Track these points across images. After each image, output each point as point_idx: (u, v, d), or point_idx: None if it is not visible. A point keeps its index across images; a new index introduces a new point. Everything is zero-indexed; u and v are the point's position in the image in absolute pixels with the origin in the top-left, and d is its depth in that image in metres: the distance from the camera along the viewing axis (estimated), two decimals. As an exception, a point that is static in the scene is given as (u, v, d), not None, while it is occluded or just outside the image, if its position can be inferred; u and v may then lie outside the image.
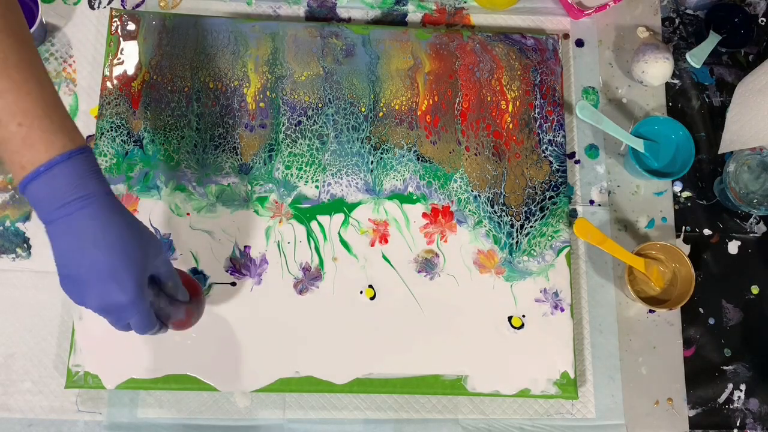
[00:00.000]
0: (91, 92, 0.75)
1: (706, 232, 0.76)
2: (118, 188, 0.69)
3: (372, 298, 0.69)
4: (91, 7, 0.78)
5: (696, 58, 0.78)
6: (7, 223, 0.71)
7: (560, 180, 0.74)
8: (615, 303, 0.73)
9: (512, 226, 0.72)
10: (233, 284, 0.68)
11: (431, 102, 0.75)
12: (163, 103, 0.73)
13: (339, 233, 0.71)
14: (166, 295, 0.56)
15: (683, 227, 0.76)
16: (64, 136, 0.48)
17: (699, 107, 0.80)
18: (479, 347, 0.68)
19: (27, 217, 0.71)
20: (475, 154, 0.74)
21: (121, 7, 0.78)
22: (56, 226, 0.48)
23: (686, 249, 0.75)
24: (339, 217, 0.71)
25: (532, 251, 0.71)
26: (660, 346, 0.72)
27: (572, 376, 0.68)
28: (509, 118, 0.75)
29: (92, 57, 0.76)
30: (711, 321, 0.74)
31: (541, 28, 0.82)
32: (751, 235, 0.77)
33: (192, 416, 0.67)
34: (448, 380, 0.68)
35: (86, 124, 0.73)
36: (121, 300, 0.49)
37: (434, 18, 0.81)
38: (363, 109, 0.74)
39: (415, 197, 0.72)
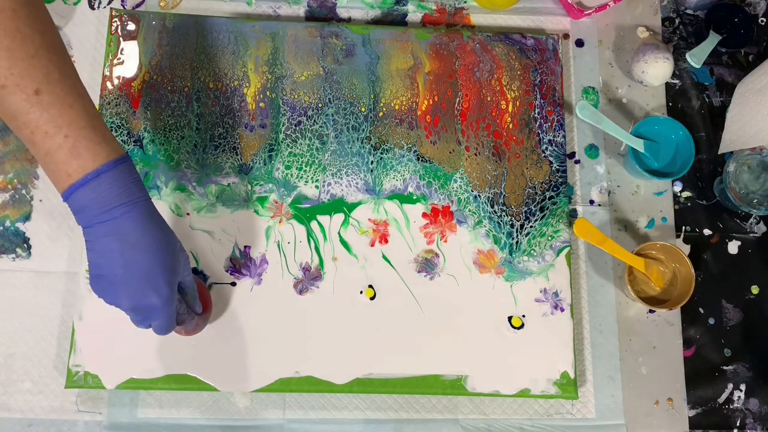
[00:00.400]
0: (91, 92, 0.72)
1: (706, 232, 0.76)
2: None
3: (372, 298, 0.69)
4: (91, 7, 0.78)
5: (696, 58, 0.78)
6: (7, 223, 0.71)
7: (560, 180, 0.74)
8: (615, 303, 0.73)
9: (512, 226, 0.72)
10: (233, 284, 0.69)
11: (431, 102, 0.75)
12: (163, 103, 0.73)
13: (339, 233, 0.71)
14: (185, 303, 0.59)
15: (683, 227, 0.76)
16: (108, 145, 0.51)
17: (699, 107, 0.80)
18: (479, 347, 0.69)
19: (27, 217, 0.71)
20: (475, 154, 0.74)
21: (121, 7, 0.78)
22: (98, 229, 0.50)
23: (686, 249, 0.75)
24: (339, 217, 0.71)
25: (532, 251, 0.71)
26: (660, 346, 0.72)
27: (572, 376, 0.68)
28: (509, 118, 0.75)
29: (92, 57, 0.76)
30: (711, 321, 0.74)
31: (541, 28, 0.82)
32: (751, 235, 0.77)
33: (192, 416, 0.67)
34: (448, 380, 0.68)
35: (86, 124, 0.73)
36: (155, 302, 0.52)
37: (434, 18, 0.81)
38: (363, 109, 0.74)
39: (415, 197, 0.72)
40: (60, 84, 0.50)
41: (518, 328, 0.69)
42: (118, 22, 0.75)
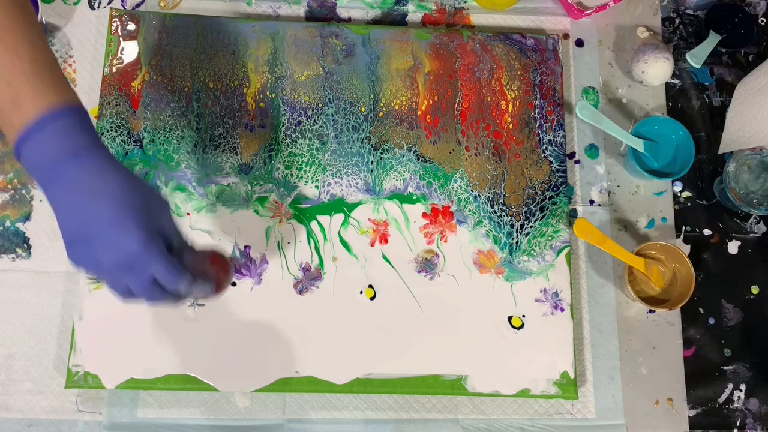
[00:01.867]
0: (91, 92, 0.75)
1: (706, 232, 0.76)
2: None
3: (372, 298, 0.69)
4: (91, 7, 0.78)
5: (696, 58, 0.78)
6: (7, 223, 0.71)
7: (560, 180, 0.74)
8: (615, 303, 0.73)
9: (512, 226, 0.72)
10: (233, 284, 0.68)
11: (431, 102, 0.75)
12: (163, 103, 0.73)
13: (339, 233, 0.71)
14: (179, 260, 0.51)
15: (683, 227, 0.76)
16: (54, 93, 0.47)
17: (699, 107, 0.80)
18: (479, 347, 0.69)
19: (27, 217, 0.71)
20: (475, 154, 0.74)
21: (121, 7, 0.78)
22: (54, 187, 0.46)
23: (686, 249, 0.75)
24: (339, 217, 0.71)
25: (532, 251, 0.71)
26: (660, 346, 0.72)
27: (572, 376, 0.68)
28: (509, 118, 0.75)
29: (92, 57, 0.76)
30: (711, 321, 0.74)
31: (541, 28, 0.82)
32: (751, 235, 0.77)
33: (192, 416, 0.67)
34: (448, 380, 0.68)
35: (86, 124, 0.73)
36: (132, 247, 0.46)
37: (434, 18, 0.81)
38: (363, 109, 0.74)
39: (415, 197, 0.72)
40: (8, 30, 0.46)
41: (518, 328, 0.69)
42: (118, 22, 0.75)
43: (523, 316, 0.70)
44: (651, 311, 0.73)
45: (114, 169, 0.47)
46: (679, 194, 0.77)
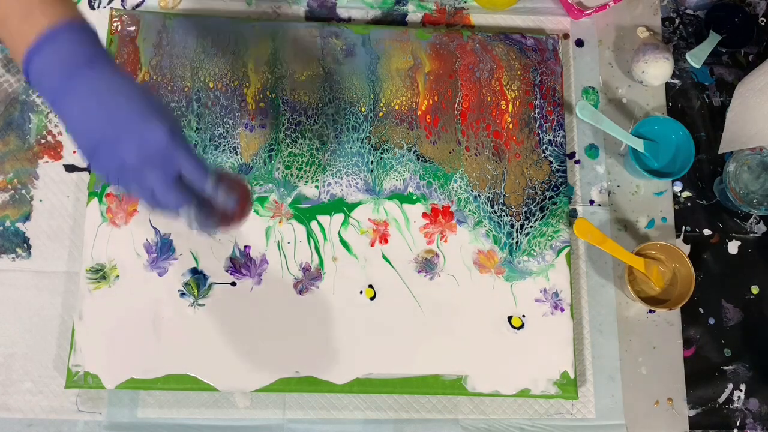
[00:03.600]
0: (91, 92, 0.75)
1: (706, 232, 0.76)
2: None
3: (372, 298, 0.69)
4: (91, 7, 0.78)
5: (696, 58, 0.78)
6: (7, 223, 0.71)
7: (560, 180, 0.74)
8: (615, 303, 0.73)
9: (512, 226, 0.72)
10: (233, 284, 0.68)
11: (431, 102, 0.75)
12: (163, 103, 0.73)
13: (339, 233, 0.71)
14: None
15: (683, 227, 0.76)
16: (66, 8, 0.48)
17: (699, 107, 0.80)
18: (479, 347, 0.69)
19: (27, 217, 0.71)
20: (475, 154, 0.74)
21: (121, 7, 0.78)
22: (69, 96, 0.46)
23: (686, 249, 0.75)
24: (339, 217, 0.71)
25: (532, 251, 0.71)
26: (660, 346, 0.72)
27: (572, 376, 0.68)
28: (509, 118, 0.75)
29: (92, 57, 0.76)
30: (711, 321, 0.74)
31: (541, 28, 0.82)
32: (751, 235, 0.77)
33: (192, 416, 0.67)
34: (448, 380, 0.68)
35: (86, 124, 0.73)
36: (161, 137, 0.46)
37: (434, 18, 0.81)
38: (363, 109, 0.74)
39: (415, 197, 0.72)
40: None
41: (518, 328, 0.69)
42: (118, 22, 0.75)
43: (523, 316, 0.70)
44: (651, 311, 0.73)
45: (129, 75, 0.49)
46: (679, 194, 0.77)
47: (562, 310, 0.70)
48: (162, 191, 0.47)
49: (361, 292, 0.69)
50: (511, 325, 0.69)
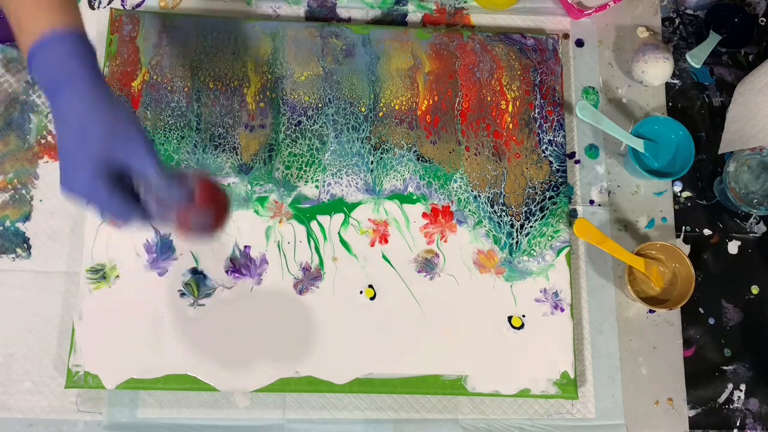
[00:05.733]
0: (91, 92, 0.75)
1: (706, 232, 0.76)
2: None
3: (372, 298, 0.69)
4: (91, 7, 0.78)
5: (696, 58, 0.78)
6: (7, 223, 0.71)
7: (560, 180, 0.74)
8: (615, 303, 0.73)
9: (512, 226, 0.72)
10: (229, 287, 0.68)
11: (431, 102, 0.75)
12: (163, 103, 0.73)
13: (339, 233, 0.71)
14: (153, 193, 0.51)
15: (683, 227, 0.76)
16: (75, 13, 0.51)
17: (699, 107, 0.80)
18: (479, 347, 0.69)
19: (27, 217, 0.71)
20: (475, 154, 0.74)
21: (121, 7, 0.78)
22: (58, 95, 0.49)
23: (686, 249, 0.75)
24: (339, 217, 0.71)
25: (532, 251, 0.71)
26: (660, 346, 0.72)
27: (572, 376, 0.68)
28: (509, 118, 0.75)
29: (92, 57, 0.76)
30: (711, 321, 0.74)
31: (541, 28, 0.82)
32: (751, 235, 0.77)
33: (192, 416, 0.67)
34: (448, 380, 0.68)
35: (86, 124, 0.73)
36: (83, 179, 0.48)
37: (434, 18, 0.81)
38: (363, 109, 0.74)
39: (415, 197, 0.72)
40: None
41: (518, 328, 0.69)
42: (118, 22, 0.75)
43: (523, 316, 0.70)
44: (651, 311, 0.73)
45: (87, 96, 0.49)
46: (679, 194, 0.77)
47: (562, 310, 0.70)
48: (107, 213, 0.49)
49: (361, 292, 0.69)
50: (511, 325, 0.69)
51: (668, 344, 0.73)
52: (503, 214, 0.72)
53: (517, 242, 0.72)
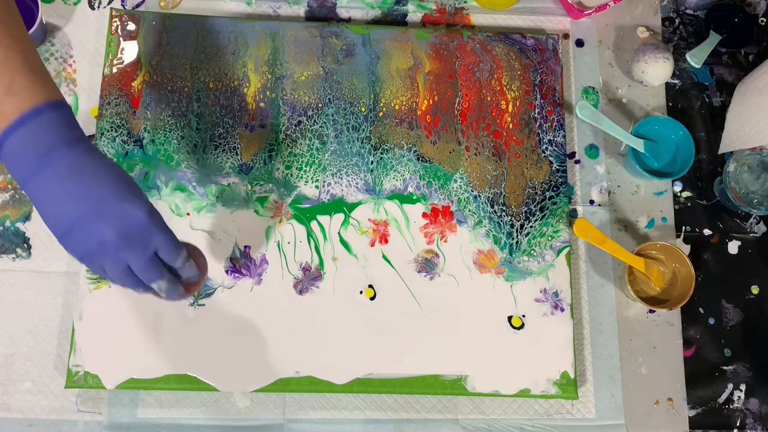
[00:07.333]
0: (91, 92, 0.75)
1: (706, 232, 0.76)
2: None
3: (372, 298, 0.69)
4: (91, 7, 0.78)
5: (696, 58, 0.78)
6: (7, 223, 0.71)
7: (560, 180, 0.74)
8: (615, 303, 0.73)
9: (512, 226, 0.72)
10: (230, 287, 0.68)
11: (431, 102, 0.75)
12: (163, 103, 0.73)
13: (339, 233, 0.71)
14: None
15: (683, 227, 0.76)
16: (48, 87, 0.48)
17: (699, 107, 0.80)
18: (479, 347, 0.69)
19: (27, 217, 0.71)
20: (475, 154, 0.74)
21: (121, 7, 0.78)
22: (44, 175, 0.46)
23: (686, 249, 0.75)
24: (339, 217, 0.71)
25: (532, 251, 0.71)
26: (660, 346, 0.72)
27: (572, 376, 0.68)
28: (509, 118, 0.75)
29: (92, 57, 0.76)
30: (711, 321, 0.74)
31: (541, 28, 0.82)
32: (751, 235, 0.77)
33: (192, 416, 0.67)
34: (448, 380, 0.68)
35: (86, 124, 0.73)
36: (139, 216, 0.48)
37: (434, 18, 0.81)
38: (363, 109, 0.74)
39: (415, 197, 0.72)
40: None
41: (518, 328, 0.69)
42: (118, 22, 0.75)
43: (523, 316, 0.70)
44: (651, 311, 0.73)
45: (104, 156, 0.49)
46: (679, 194, 0.77)
47: (562, 310, 0.70)
48: (141, 267, 0.49)
49: (361, 292, 0.69)
50: (511, 325, 0.69)
51: (668, 344, 0.73)
52: (503, 214, 0.72)
53: (517, 242, 0.72)
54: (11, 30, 0.48)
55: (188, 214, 0.70)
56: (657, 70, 0.76)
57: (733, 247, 0.76)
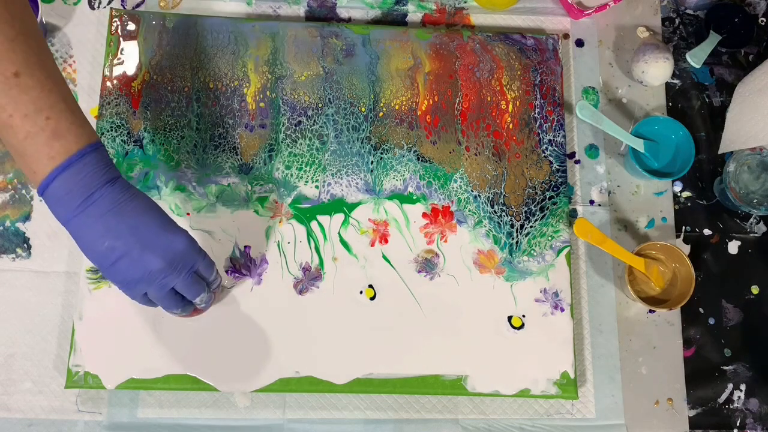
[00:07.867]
0: (91, 92, 0.75)
1: (706, 232, 0.76)
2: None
3: (372, 298, 0.69)
4: (91, 7, 0.78)
5: (696, 58, 0.78)
6: (7, 223, 0.71)
7: (560, 180, 0.74)
8: (615, 303, 0.73)
9: (512, 226, 0.72)
10: (230, 287, 0.68)
11: (431, 102, 0.75)
12: (163, 103, 0.73)
13: (339, 233, 0.71)
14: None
15: (683, 227, 0.76)
16: (89, 129, 0.52)
17: (699, 107, 0.80)
18: (479, 347, 0.68)
19: (27, 217, 0.71)
20: (475, 154, 0.74)
21: (121, 7, 0.78)
22: (89, 212, 0.50)
23: (686, 249, 0.75)
24: (339, 217, 0.71)
25: (532, 251, 0.71)
26: (660, 346, 0.72)
27: (572, 376, 0.68)
28: (509, 118, 0.75)
29: (92, 57, 0.76)
30: (711, 321, 0.74)
31: (541, 28, 0.82)
32: (751, 235, 0.77)
33: (192, 416, 0.67)
34: (448, 380, 0.68)
35: (86, 124, 0.73)
36: (182, 245, 0.53)
37: (434, 18, 0.81)
38: (363, 109, 0.74)
39: (415, 197, 0.72)
40: (39, 67, 0.49)
41: (518, 328, 0.69)
42: (118, 22, 0.75)
43: (523, 316, 0.70)
44: (651, 311, 0.73)
45: (139, 190, 0.54)
46: (679, 194, 0.77)
47: (562, 310, 0.70)
48: (186, 286, 0.55)
49: (361, 292, 0.69)
50: (511, 325, 0.69)
51: (668, 344, 0.73)
52: (503, 214, 0.72)
53: (517, 242, 0.72)
54: (50, 72, 0.51)
55: (188, 214, 0.70)
56: (657, 70, 0.76)
57: (733, 247, 0.76)
